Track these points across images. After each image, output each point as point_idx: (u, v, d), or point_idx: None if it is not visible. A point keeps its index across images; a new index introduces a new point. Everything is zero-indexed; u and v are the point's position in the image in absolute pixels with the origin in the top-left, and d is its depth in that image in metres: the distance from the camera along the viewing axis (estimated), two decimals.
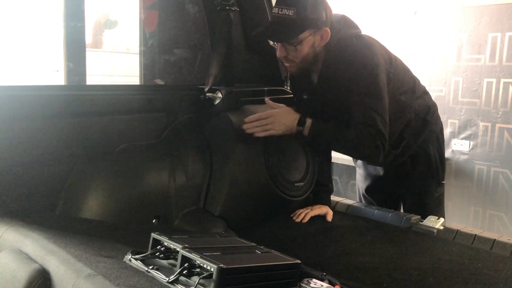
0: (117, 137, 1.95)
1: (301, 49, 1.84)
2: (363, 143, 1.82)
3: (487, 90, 3.40)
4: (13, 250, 1.35)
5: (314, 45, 1.85)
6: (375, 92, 1.83)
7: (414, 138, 2.08)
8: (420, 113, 2.08)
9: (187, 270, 1.14)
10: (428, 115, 2.11)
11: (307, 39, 1.82)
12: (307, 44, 1.84)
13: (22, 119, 1.68)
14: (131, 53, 3.10)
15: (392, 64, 1.95)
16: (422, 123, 2.09)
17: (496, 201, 3.43)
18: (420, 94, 2.11)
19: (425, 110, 2.10)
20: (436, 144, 2.16)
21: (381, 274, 1.58)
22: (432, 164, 2.15)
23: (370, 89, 1.83)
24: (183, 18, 2.65)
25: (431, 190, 2.17)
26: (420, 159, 2.13)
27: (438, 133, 2.18)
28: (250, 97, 2.23)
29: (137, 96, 2.08)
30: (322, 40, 1.85)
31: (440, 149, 2.18)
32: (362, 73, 1.83)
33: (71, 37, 2.02)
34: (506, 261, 1.68)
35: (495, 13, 3.32)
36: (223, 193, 2.01)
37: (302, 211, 2.11)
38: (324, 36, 1.85)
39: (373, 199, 2.34)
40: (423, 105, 2.10)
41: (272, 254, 1.33)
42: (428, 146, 2.13)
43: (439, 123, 2.21)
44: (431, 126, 2.12)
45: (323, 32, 1.84)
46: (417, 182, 2.17)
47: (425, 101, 2.13)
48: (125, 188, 1.87)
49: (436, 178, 2.17)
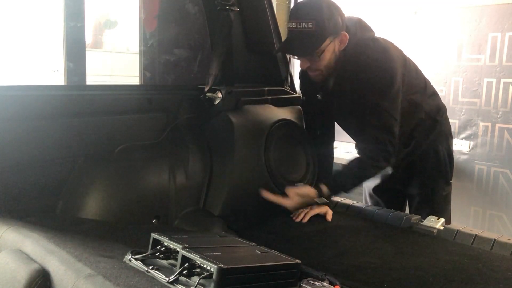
0: (117, 137, 1.95)
1: (324, 58, 1.86)
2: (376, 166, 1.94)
3: (487, 90, 3.40)
4: (13, 250, 1.35)
5: (335, 50, 1.88)
6: (391, 95, 1.88)
7: (424, 137, 2.11)
8: (431, 113, 2.11)
9: (187, 270, 1.14)
10: (438, 115, 2.14)
11: (328, 46, 1.85)
12: (328, 52, 1.86)
13: (22, 119, 1.68)
14: (131, 53, 3.09)
15: (406, 67, 1.99)
16: (432, 122, 2.13)
17: (496, 201, 3.44)
18: (431, 95, 2.15)
19: (435, 110, 2.14)
20: (445, 144, 2.18)
21: (381, 274, 1.57)
22: (441, 163, 2.17)
23: (386, 93, 1.88)
24: (183, 18, 2.65)
25: (439, 189, 2.19)
26: (430, 158, 2.15)
27: (447, 133, 2.21)
28: (250, 97, 2.23)
29: (137, 96, 2.08)
30: (341, 44, 1.88)
31: (449, 149, 2.20)
32: (379, 76, 1.87)
33: (71, 37, 2.02)
34: (506, 261, 1.67)
35: (495, 13, 3.32)
36: (223, 193, 2.01)
37: (302, 211, 2.11)
38: (343, 40, 1.87)
39: (380, 198, 2.35)
40: (433, 105, 2.14)
41: (272, 254, 1.33)
42: (438, 146, 2.16)
43: (449, 124, 2.24)
44: (441, 126, 2.16)
45: (342, 37, 1.87)
46: (426, 181, 2.18)
47: (435, 101, 2.16)
48: (125, 188, 1.87)
49: (444, 177, 2.19)
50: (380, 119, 1.89)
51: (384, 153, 1.91)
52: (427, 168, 2.16)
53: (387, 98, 1.88)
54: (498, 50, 3.33)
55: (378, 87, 1.87)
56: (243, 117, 2.12)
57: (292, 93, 2.53)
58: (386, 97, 1.88)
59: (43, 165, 1.74)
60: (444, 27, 3.57)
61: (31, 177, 1.71)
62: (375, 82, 1.87)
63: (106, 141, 1.92)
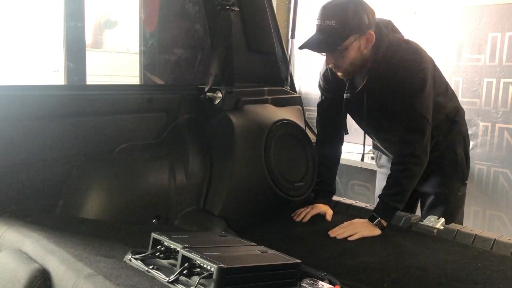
0: (117, 137, 1.95)
1: (348, 55, 1.88)
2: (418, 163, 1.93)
3: (487, 90, 3.40)
4: (13, 250, 1.35)
5: (360, 48, 1.89)
6: (424, 97, 1.90)
7: (443, 138, 2.13)
8: (450, 114, 2.14)
9: (187, 270, 1.14)
10: (457, 116, 2.17)
11: (353, 44, 1.86)
12: (353, 49, 1.87)
13: (22, 119, 1.68)
14: (131, 53, 3.09)
15: (435, 68, 2.03)
16: (451, 123, 2.15)
17: (496, 201, 3.43)
18: (451, 96, 2.18)
19: (454, 111, 2.16)
20: (462, 145, 2.20)
21: (381, 274, 1.58)
22: (458, 164, 2.18)
23: (419, 94, 1.90)
24: (183, 18, 2.65)
25: (455, 189, 2.20)
26: (448, 158, 2.17)
27: (465, 134, 2.23)
28: (250, 97, 2.23)
29: (137, 96, 2.08)
30: (368, 43, 1.89)
31: (466, 150, 2.22)
32: (412, 77, 1.89)
33: (71, 37, 2.02)
34: (506, 261, 1.68)
35: (495, 13, 3.32)
36: (223, 193, 2.01)
37: (302, 210, 2.12)
38: (370, 39, 1.88)
39: None
40: (453, 106, 2.16)
41: (272, 254, 1.33)
42: (456, 146, 2.18)
43: (466, 125, 2.26)
44: (459, 127, 2.18)
45: (368, 35, 1.87)
46: (442, 180, 2.19)
47: (455, 103, 2.19)
48: (125, 188, 1.87)
49: (461, 178, 2.21)
50: (413, 120, 1.92)
51: (414, 158, 1.92)
52: (444, 167, 2.17)
53: (419, 99, 1.90)
54: (498, 50, 3.33)
55: (411, 88, 1.90)
56: (243, 117, 2.12)
57: (292, 93, 2.53)
58: (419, 98, 1.90)
59: (43, 165, 1.74)
60: (444, 27, 3.57)
61: (31, 177, 1.71)
62: (408, 83, 1.89)
63: (106, 141, 1.92)
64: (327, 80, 2.14)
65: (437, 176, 2.18)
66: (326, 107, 2.21)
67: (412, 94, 1.90)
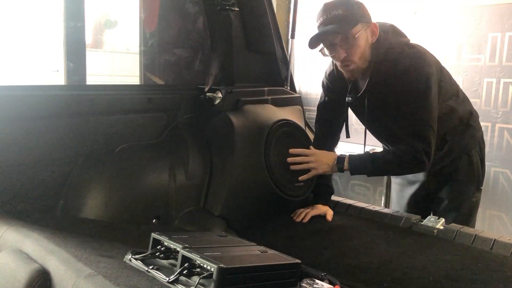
0: (117, 137, 1.95)
1: (359, 43, 1.85)
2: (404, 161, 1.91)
3: (487, 90, 3.40)
4: (13, 250, 1.35)
5: (368, 40, 1.87)
6: (428, 103, 1.86)
7: (457, 142, 2.09)
8: (463, 118, 2.10)
9: (187, 270, 1.14)
10: (471, 120, 2.13)
11: (361, 33, 1.84)
12: (362, 39, 1.85)
13: (22, 119, 1.68)
14: (131, 53, 3.09)
15: (442, 72, 1.99)
16: (465, 127, 2.11)
17: (496, 201, 3.43)
18: (463, 100, 2.14)
19: (467, 115, 2.12)
20: (478, 149, 2.16)
21: (381, 274, 1.57)
22: (474, 169, 2.14)
23: (422, 100, 1.86)
24: (183, 18, 2.65)
25: (469, 195, 2.16)
26: (463, 163, 2.12)
27: (479, 139, 2.18)
28: (250, 97, 2.23)
29: (137, 96, 2.08)
30: (373, 36, 1.88)
31: (481, 155, 2.18)
32: (415, 83, 1.85)
33: (71, 37, 2.02)
34: (506, 261, 1.68)
35: (495, 13, 3.32)
36: (223, 193, 2.01)
37: (302, 210, 2.12)
38: (374, 30, 1.88)
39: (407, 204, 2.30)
40: (466, 110, 2.12)
41: (272, 254, 1.33)
42: (471, 151, 2.13)
43: (481, 129, 2.22)
44: (473, 131, 2.13)
45: (373, 27, 1.87)
46: (457, 186, 2.14)
47: (467, 106, 2.15)
48: (125, 188, 1.87)
49: (476, 183, 2.16)
50: (415, 127, 1.87)
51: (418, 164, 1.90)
52: (458, 172, 2.13)
53: (423, 105, 1.86)
54: (498, 50, 3.33)
55: (414, 93, 1.85)
56: (243, 117, 2.12)
57: (292, 93, 2.53)
58: (422, 104, 1.86)
59: (43, 165, 1.74)
60: (444, 27, 3.57)
61: (31, 177, 1.71)
62: (410, 88, 1.85)
63: (106, 141, 1.92)
64: (332, 79, 2.12)
65: (452, 181, 2.14)
66: (326, 108, 2.20)
67: (415, 100, 1.86)
